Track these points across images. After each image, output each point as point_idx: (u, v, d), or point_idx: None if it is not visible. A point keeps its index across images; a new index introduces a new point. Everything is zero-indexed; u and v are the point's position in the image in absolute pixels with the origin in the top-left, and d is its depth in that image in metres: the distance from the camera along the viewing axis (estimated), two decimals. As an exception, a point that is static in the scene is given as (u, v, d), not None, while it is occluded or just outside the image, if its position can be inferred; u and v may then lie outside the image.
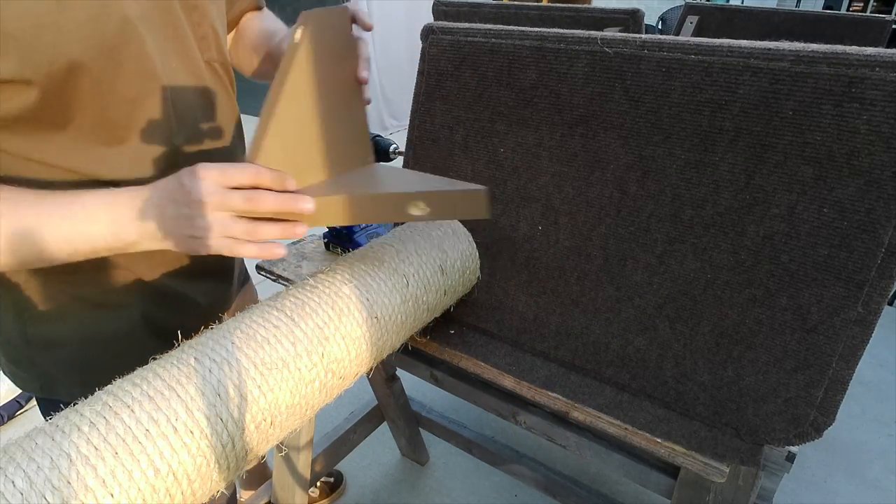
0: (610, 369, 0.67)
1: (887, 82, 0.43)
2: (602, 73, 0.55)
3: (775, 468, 0.62)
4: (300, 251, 0.95)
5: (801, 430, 0.56)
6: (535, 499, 1.49)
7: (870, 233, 0.47)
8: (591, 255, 0.63)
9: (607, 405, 0.65)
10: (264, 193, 0.49)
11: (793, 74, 0.46)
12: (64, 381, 0.65)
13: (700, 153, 0.53)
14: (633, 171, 0.57)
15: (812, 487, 1.55)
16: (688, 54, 0.50)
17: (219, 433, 0.44)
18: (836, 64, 0.45)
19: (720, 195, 0.53)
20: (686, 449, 0.59)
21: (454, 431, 1.39)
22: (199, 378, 0.45)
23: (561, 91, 0.59)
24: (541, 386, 0.68)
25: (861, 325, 0.50)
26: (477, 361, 0.72)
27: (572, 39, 0.56)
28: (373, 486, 1.56)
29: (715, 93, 0.50)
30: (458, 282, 0.69)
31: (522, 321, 0.72)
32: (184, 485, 0.42)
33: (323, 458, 1.32)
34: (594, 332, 0.66)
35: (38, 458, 0.38)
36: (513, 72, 0.61)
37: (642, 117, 0.54)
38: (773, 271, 0.52)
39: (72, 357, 0.64)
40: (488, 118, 0.65)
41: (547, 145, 0.62)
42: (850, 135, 0.45)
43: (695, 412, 0.62)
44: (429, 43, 0.64)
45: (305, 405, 0.52)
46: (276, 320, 0.52)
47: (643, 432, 0.61)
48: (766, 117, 0.48)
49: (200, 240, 0.49)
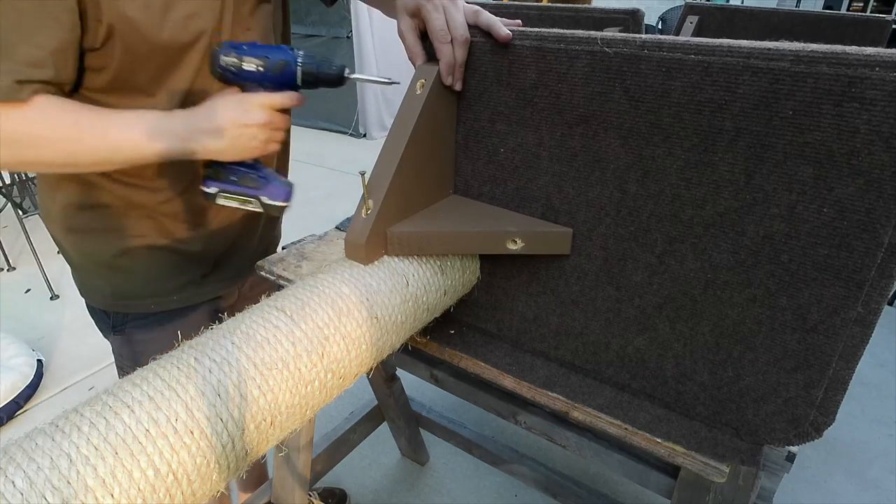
0: (610, 369, 0.67)
1: (887, 82, 0.43)
2: (602, 73, 0.55)
3: (775, 468, 0.62)
4: (300, 251, 0.95)
5: (801, 430, 0.56)
6: (535, 499, 1.49)
7: (870, 233, 0.47)
8: (591, 255, 0.63)
9: (607, 405, 0.65)
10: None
11: (793, 74, 0.46)
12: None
13: (700, 153, 0.53)
14: (633, 171, 0.57)
15: (812, 487, 1.55)
16: (688, 54, 0.50)
17: (219, 433, 0.44)
18: (836, 64, 0.45)
19: (720, 195, 0.53)
20: (686, 449, 0.59)
21: (454, 431, 1.39)
22: (199, 378, 0.45)
23: (561, 91, 0.59)
24: (541, 386, 0.68)
25: (861, 324, 0.50)
26: (477, 361, 0.72)
27: (572, 39, 0.56)
28: (373, 486, 1.56)
29: (715, 93, 0.50)
30: (458, 282, 0.69)
31: (522, 321, 0.72)
32: (184, 485, 0.42)
33: (323, 458, 1.32)
34: (594, 332, 0.66)
35: (38, 458, 0.38)
36: (513, 72, 0.61)
37: (642, 117, 0.54)
38: (773, 271, 0.52)
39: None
40: (488, 118, 0.66)
41: (547, 145, 0.62)
42: (850, 135, 0.45)
43: (695, 412, 0.62)
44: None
45: (305, 405, 0.52)
46: (276, 320, 0.52)
47: (643, 432, 0.61)
48: (766, 117, 0.48)
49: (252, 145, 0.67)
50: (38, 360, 1.92)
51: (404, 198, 0.64)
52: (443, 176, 0.71)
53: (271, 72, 0.67)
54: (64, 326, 2.19)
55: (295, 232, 1.04)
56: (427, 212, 0.68)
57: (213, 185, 0.72)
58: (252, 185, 0.72)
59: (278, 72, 0.67)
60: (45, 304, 2.34)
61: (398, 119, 0.63)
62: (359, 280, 0.58)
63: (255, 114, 0.65)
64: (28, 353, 1.91)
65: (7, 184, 2.58)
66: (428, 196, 0.69)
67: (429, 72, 0.63)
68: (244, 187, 0.72)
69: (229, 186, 0.72)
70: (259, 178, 0.72)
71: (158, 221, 0.79)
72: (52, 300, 2.35)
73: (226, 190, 0.72)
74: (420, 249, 0.64)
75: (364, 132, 4.63)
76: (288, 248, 0.97)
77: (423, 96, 0.62)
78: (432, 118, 0.64)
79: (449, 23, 0.61)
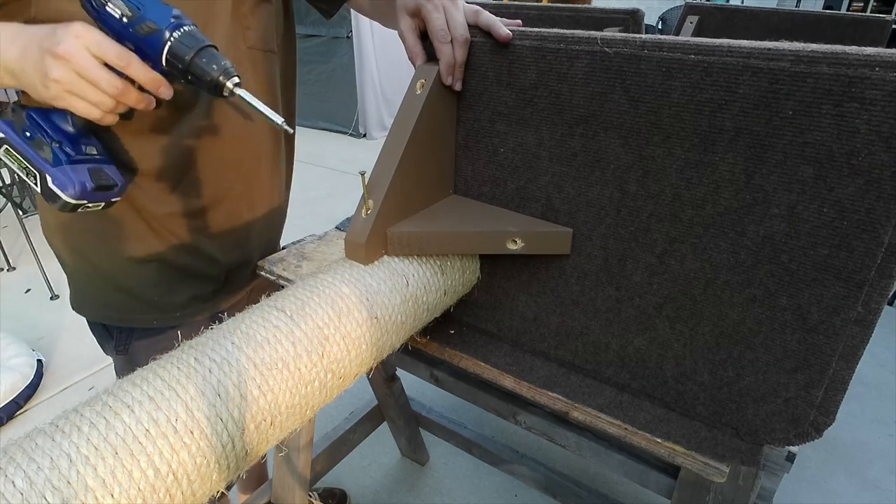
0: (610, 369, 0.67)
1: (887, 82, 0.43)
2: (602, 73, 0.55)
3: (775, 468, 0.62)
4: (300, 251, 0.95)
5: (801, 430, 0.56)
6: (535, 499, 1.49)
7: (870, 233, 0.47)
8: (591, 255, 0.63)
9: (607, 405, 0.65)
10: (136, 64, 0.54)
11: (793, 74, 0.46)
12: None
13: (700, 153, 0.53)
14: (633, 171, 0.57)
15: (812, 487, 1.55)
16: (688, 54, 0.50)
17: (219, 433, 0.44)
18: (835, 64, 0.45)
19: (720, 195, 0.53)
20: (686, 449, 0.59)
21: (454, 431, 1.39)
22: (199, 378, 0.45)
23: (561, 91, 0.59)
24: (541, 386, 0.68)
25: (861, 324, 0.50)
26: (477, 361, 0.72)
27: (572, 39, 0.56)
28: (373, 486, 1.56)
29: (715, 93, 0.50)
30: (458, 282, 0.69)
31: (522, 321, 0.72)
32: (184, 485, 0.42)
33: (323, 458, 1.32)
34: (594, 332, 0.66)
35: (38, 458, 0.38)
36: (513, 72, 0.61)
37: (642, 117, 0.54)
38: (773, 271, 0.52)
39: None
40: (488, 118, 0.66)
41: (547, 145, 0.62)
42: (850, 135, 0.45)
43: (695, 412, 0.62)
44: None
45: (305, 405, 0.52)
46: (276, 320, 0.52)
47: (643, 432, 0.61)
48: (766, 117, 0.48)
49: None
50: (38, 360, 1.92)
51: (404, 198, 0.64)
52: (443, 176, 0.71)
53: (134, 29, 0.53)
54: (64, 326, 2.19)
55: (295, 232, 1.04)
56: (427, 212, 0.68)
57: (4, 126, 0.57)
58: (45, 154, 0.57)
59: (143, 34, 0.53)
60: (45, 304, 2.34)
61: (398, 119, 0.63)
62: (359, 280, 0.58)
63: (67, 44, 0.51)
64: (28, 353, 1.91)
65: (7, 184, 2.58)
66: (428, 196, 0.69)
67: (429, 72, 0.63)
68: (33, 151, 0.56)
69: (17, 139, 0.56)
70: (61, 150, 0.57)
71: (165, 235, 0.75)
72: (52, 300, 2.35)
73: (11, 141, 0.57)
74: (420, 249, 0.64)
75: (364, 132, 4.64)
76: (288, 248, 0.97)
77: (423, 96, 0.62)
78: (432, 118, 0.64)
79: (449, 23, 0.61)
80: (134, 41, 0.53)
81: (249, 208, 0.83)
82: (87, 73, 0.52)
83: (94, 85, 0.52)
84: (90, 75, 0.52)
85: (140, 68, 0.54)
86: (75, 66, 0.51)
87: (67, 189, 0.56)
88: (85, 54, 0.51)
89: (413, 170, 0.64)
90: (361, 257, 0.61)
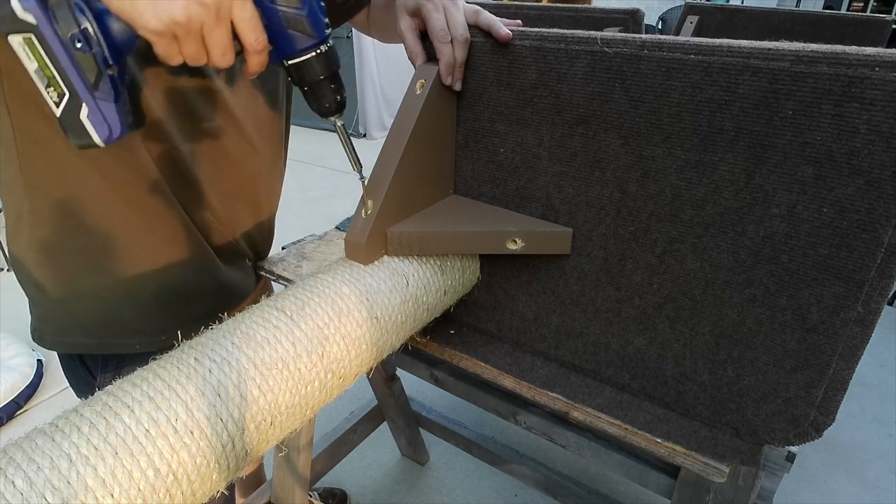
0: (610, 369, 0.67)
1: (887, 82, 0.43)
2: (602, 73, 0.55)
3: (775, 468, 0.62)
4: (300, 251, 0.95)
5: (801, 430, 0.56)
6: (535, 499, 1.49)
7: (870, 233, 0.47)
8: (591, 255, 0.63)
9: (607, 405, 0.65)
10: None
11: (793, 74, 0.46)
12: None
13: (700, 153, 0.53)
14: (633, 171, 0.57)
15: (812, 487, 1.55)
16: (688, 54, 0.50)
17: (219, 433, 0.44)
18: (835, 64, 0.45)
19: (720, 195, 0.53)
20: (686, 449, 0.59)
21: (454, 431, 1.39)
22: (199, 378, 0.45)
23: (561, 91, 0.59)
24: (541, 386, 0.68)
25: (861, 324, 0.50)
26: (477, 361, 0.72)
27: (572, 39, 0.56)
28: (373, 486, 1.56)
29: (715, 93, 0.50)
30: (458, 282, 0.69)
31: (522, 321, 0.72)
32: (184, 485, 0.42)
33: (323, 458, 1.32)
34: (594, 332, 0.66)
35: (37, 458, 0.38)
36: (513, 72, 0.61)
37: (642, 117, 0.54)
38: (773, 271, 0.52)
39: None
40: (488, 118, 0.66)
41: (547, 145, 0.62)
42: (850, 135, 0.45)
43: (695, 412, 0.62)
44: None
45: (305, 405, 0.52)
46: (276, 320, 0.52)
47: (643, 432, 0.61)
48: (766, 117, 0.48)
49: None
50: (38, 360, 1.92)
51: (404, 198, 0.64)
52: (443, 176, 0.71)
53: (283, 16, 0.46)
54: (64, 326, 2.19)
55: (295, 232, 1.04)
56: (427, 212, 0.68)
57: (42, 16, 0.39)
58: (90, 77, 0.43)
59: (290, 28, 0.47)
60: (45, 304, 2.34)
61: (398, 119, 0.63)
62: (359, 280, 0.58)
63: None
64: (28, 353, 1.91)
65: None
66: (428, 196, 0.69)
67: (429, 72, 0.63)
68: (77, 67, 0.42)
69: (58, 42, 0.40)
70: (112, 82, 0.44)
71: (154, 247, 0.70)
72: (52, 300, 2.35)
73: (47, 40, 0.40)
74: (420, 249, 0.64)
75: (364, 132, 4.64)
76: (288, 248, 0.97)
77: (423, 96, 0.62)
78: (432, 118, 0.64)
79: (449, 23, 0.61)
80: (276, 26, 0.46)
81: (254, 216, 0.82)
82: (214, 36, 0.44)
83: (213, 47, 0.44)
84: (218, 39, 0.44)
85: (257, 61, 0.47)
86: (210, 22, 0.42)
87: (102, 132, 0.45)
88: (226, 20, 0.44)
89: (413, 170, 0.64)
90: (361, 257, 0.61)
